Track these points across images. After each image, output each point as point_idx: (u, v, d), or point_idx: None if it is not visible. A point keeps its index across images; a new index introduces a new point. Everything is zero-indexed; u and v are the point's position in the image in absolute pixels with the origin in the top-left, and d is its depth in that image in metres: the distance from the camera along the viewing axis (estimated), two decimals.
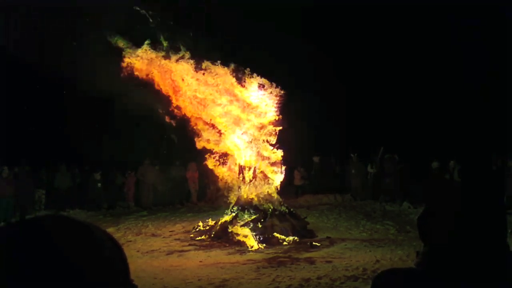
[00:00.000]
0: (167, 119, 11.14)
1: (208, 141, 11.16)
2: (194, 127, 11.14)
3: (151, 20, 10.31)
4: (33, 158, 14.71)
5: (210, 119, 11.13)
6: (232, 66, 10.83)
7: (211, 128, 11.19)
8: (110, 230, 9.80)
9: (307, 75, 16.75)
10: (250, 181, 10.87)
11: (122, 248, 0.85)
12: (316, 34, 16.97)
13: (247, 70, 10.99)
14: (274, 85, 11.04)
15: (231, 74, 10.88)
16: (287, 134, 11.46)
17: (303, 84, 15.96)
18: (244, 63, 11.09)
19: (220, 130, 11.17)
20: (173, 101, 10.94)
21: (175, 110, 10.99)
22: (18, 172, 13.98)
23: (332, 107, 16.90)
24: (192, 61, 10.77)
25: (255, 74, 11.01)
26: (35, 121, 16.35)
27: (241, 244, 9.38)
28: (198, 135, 11.14)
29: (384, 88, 16.76)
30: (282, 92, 11.01)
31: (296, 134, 12.65)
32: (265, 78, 11.05)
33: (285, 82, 11.44)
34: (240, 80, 10.95)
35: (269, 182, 10.90)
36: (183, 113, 11.07)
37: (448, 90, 17.30)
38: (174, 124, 11.36)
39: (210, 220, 11.09)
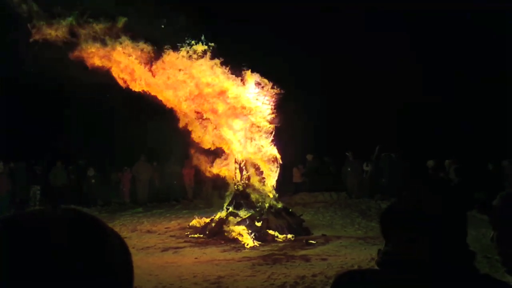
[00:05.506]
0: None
1: (203, 137, 11.15)
2: (188, 123, 11.12)
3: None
4: (29, 154, 14.66)
5: (204, 114, 11.11)
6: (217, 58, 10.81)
7: (207, 124, 11.18)
8: None
9: (306, 74, 16.77)
10: (246, 178, 10.86)
11: (127, 248, 0.80)
12: (315, 33, 16.99)
13: (245, 68, 10.99)
14: (271, 83, 11.04)
15: (225, 68, 10.88)
16: (286, 132, 11.46)
17: (303, 83, 15.98)
18: (243, 62, 11.10)
19: (215, 126, 11.15)
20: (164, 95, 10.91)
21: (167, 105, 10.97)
22: (13, 167, 13.92)
23: (330, 106, 16.92)
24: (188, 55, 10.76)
25: (250, 71, 11.00)
26: (31, 117, 16.28)
27: (237, 241, 9.38)
28: (193, 130, 11.12)
29: (382, 86, 16.78)
30: (279, 90, 11.01)
31: (294, 132, 12.66)
32: (264, 77, 11.05)
33: (285, 82, 11.46)
34: (237, 77, 10.95)
35: (265, 179, 10.90)
36: (178, 108, 11.06)
37: (444, 89, 17.35)
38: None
39: (205, 217, 11.10)
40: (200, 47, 10.74)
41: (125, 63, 10.50)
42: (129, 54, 10.50)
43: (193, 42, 10.72)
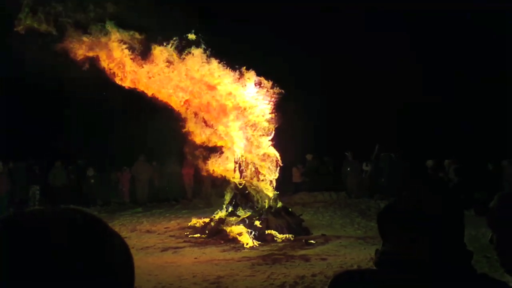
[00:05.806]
0: None
1: (202, 136, 11.12)
2: (186, 122, 11.11)
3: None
4: (28, 154, 14.65)
5: (203, 113, 11.09)
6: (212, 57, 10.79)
7: (204, 123, 11.16)
8: None
9: (306, 74, 16.77)
10: (245, 177, 10.85)
11: (128, 248, 0.80)
12: (315, 33, 16.99)
13: (244, 68, 10.98)
14: (271, 83, 11.03)
15: (226, 69, 10.87)
16: (286, 132, 11.46)
17: (303, 83, 15.98)
18: (243, 62, 11.10)
19: (213, 125, 11.14)
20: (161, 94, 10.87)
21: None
22: (13, 167, 13.91)
23: (330, 106, 16.93)
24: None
25: (248, 70, 10.99)
26: (31, 117, 16.28)
27: (236, 241, 9.38)
28: (186, 126, 11.11)
29: (382, 86, 16.78)
30: (279, 90, 11.00)
31: (294, 132, 12.66)
32: (263, 77, 11.04)
33: (285, 82, 11.46)
34: (237, 76, 10.94)
35: (265, 178, 10.89)
36: (175, 107, 11.05)
37: (444, 89, 17.34)
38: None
39: (204, 217, 11.09)
40: (191, 36, 10.68)
41: (115, 54, 10.42)
42: (119, 45, 10.42)
43: (189, 36, 10.68)
